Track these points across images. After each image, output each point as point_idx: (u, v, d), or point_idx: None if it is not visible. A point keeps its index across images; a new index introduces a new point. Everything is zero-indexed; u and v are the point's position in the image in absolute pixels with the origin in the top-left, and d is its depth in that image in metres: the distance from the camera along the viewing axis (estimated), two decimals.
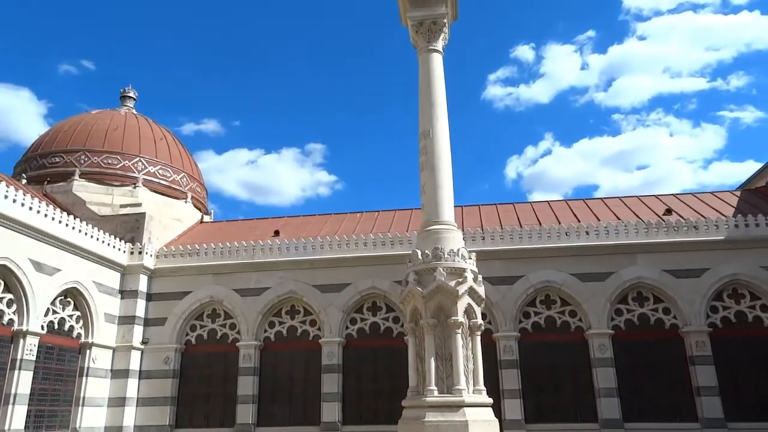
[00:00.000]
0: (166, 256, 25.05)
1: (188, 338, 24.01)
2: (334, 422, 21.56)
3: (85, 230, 21.99)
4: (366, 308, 23.28)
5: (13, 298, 18.79)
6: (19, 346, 18.59)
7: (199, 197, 33.05)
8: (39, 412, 19.41)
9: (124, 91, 35.38)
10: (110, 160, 29.61)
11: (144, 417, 22.68)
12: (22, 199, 19.12)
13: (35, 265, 19.37)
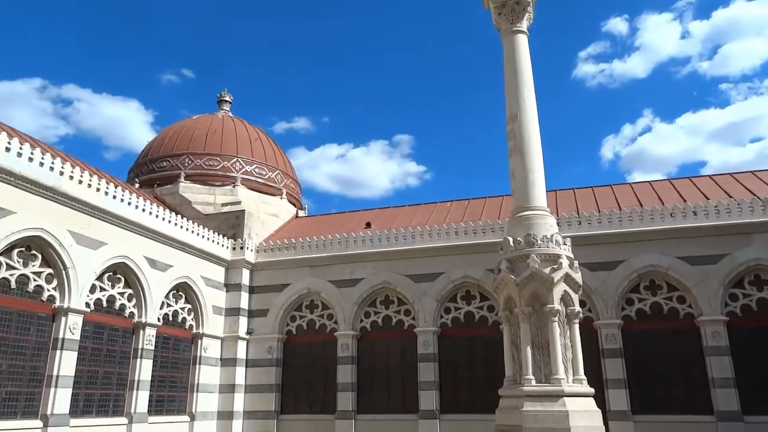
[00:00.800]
0: (265, 250, 26.26)
1: (289, 328, 25.08)
2: (432, 411, 21.71)
3: (192, 229, 23.53)
4: (460, 297, 23.18)
5: (133, 293, 20.48)
6: (140, 336, 20.28)
7: (294, 193, 34.29)
8: (159, 397, 21.11)
9: (221, 95, 37.38)
10: (211, 161, 31.41)
11: (252, 403, 24.01)
12: (136, 202, 20.76)
13: (150, 262, 21.00)
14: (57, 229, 17.35)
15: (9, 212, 15.95)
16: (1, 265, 15.99)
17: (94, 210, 18.72)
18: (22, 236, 16.37)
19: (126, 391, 19.62)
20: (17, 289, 16.41)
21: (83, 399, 17.98)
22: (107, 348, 19.24)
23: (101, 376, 18.82)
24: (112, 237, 19.39)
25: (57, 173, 17.61)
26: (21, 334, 16.37)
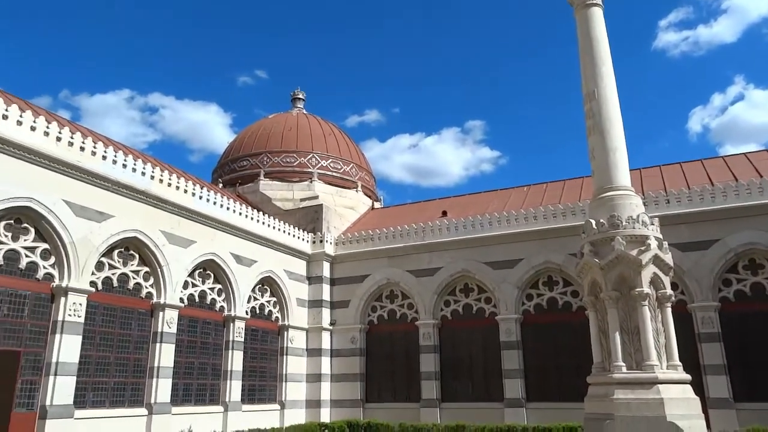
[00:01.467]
0: (344, 243, 26.77)
1: (370, 318, 25.48)
2: (518, 399, 21.41)
3: (274, 225, 24.36)
4: (542, 283, 22.64)
5: (222, 288, 21.50)
6: (230, 329, 21.28)
7: (368, 185, 34.69)
8: (251, 387, 22.10)
9: (294, 93, 38.35)
10: (288, 158, 32.33)
11: (338, 391, 24.64)
12: (221, 201, 21.73)
13: (236, 258, 21.95)
14: (151, 230, 18.48)
15: (108, 216, 17.15)
16: (104, 265, 17.23)
17: (183, 210, 19.78)
18: (121, 238, 17.56)
19: (220, 381, 20.69)
20: (119, 287, 17.65)
21: (182, 388, 19.13)
22: (201, 340, 20.33)
23: (197, 367, 19.94)
24: (200, 235, 20.43)
25: (148, 178, 18.73)
26: (124, 328, 17.61)
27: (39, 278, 15.35)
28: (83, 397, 15.87)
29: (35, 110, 18.69)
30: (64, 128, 16.51)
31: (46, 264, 15.58)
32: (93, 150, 17.02)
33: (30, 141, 15.16)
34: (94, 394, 16.28)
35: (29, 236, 15.30)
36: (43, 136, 15.61)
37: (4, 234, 14.70)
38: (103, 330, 16.89)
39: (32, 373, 14.85)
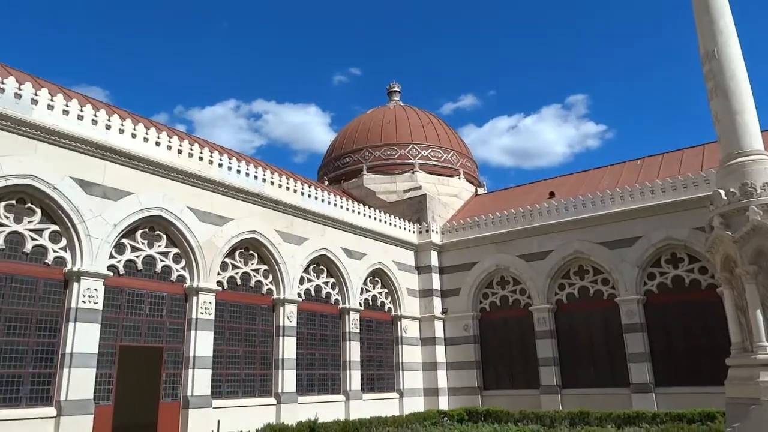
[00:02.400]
0: (450, 231, 26.70)
1: (482, 306, 25.25)
2: (645, 384, 20.30)
3: (380, 218, 24.82)
4: (664, 261, 21.24)
5: (335, 281, 22.26)
6: (346, 320, 22.00)
7: (470, 171, 34.30)
8: (369, 376, 22.73)
9: (390, 86, 38.72)
10: (389, 151, 32.74)
11: (455, 379, 24.70)
12: (329, 198, 22.46)
13: (346, 252, 22.62)
14: (267, 230, 19.50)
15: (228, 219, 18.33)
16: (228, 265, 18.44)
17: (294, 210, 20.68)
18: (240, 239, 18.69)
19: (340, 371, 21.48)
20: (242, 285, 18.83)
21: (306, 378, 20.08)
22: (320, 333, 21.21)
23: (318, 358, 20.84)
24: (312, 232, 21.26)
25: (260, 181, 19.77)
26: (250, 323, 18.77)
27: (173, 280, 16.74)
28: (219, 388, 17.14)
29: (158, 127, 20.32)
30: (184, 141, 17.84)
31: (178, 267, 16.95)
32: (210, 159, 18.24)
33: (157, 155, 16.53)
34: (227, 385, 17.52)
35: (162, 242, 16.71)
36: (167, 150, 16.97)
37: (141, 241, 16.17)
38: (231, 326, 18.12)
39: (174, 367, 16.26)
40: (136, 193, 15.86)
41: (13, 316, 13.15)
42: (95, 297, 14.35)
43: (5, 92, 13.58)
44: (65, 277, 14.22)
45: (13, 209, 13.64)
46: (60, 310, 13.99)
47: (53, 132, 14.23)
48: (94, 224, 14.68)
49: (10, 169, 13.33)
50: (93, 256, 14.52)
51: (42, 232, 14.04)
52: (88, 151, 15.00)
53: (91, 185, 14.88)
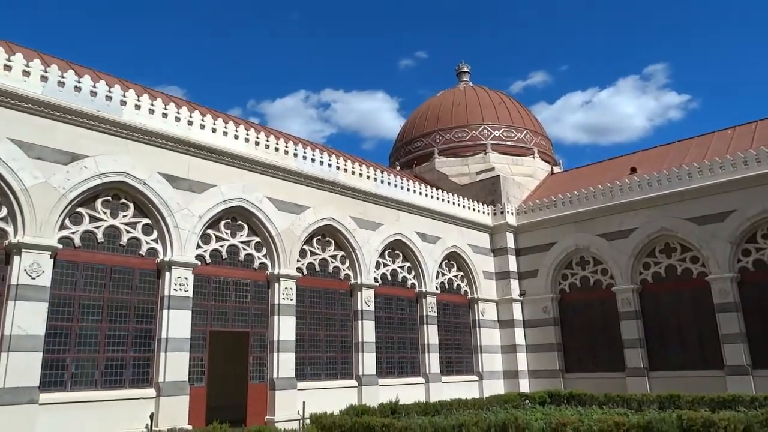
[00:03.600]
0: (525, 212, 26.15)
1: (561, 287, 24.65)
2: (742, 366, 19.19)
3: (453, 201, 24.67)
4: (761, 236, 19.88)
5: (410, 266, 22.41)
6: (422, 304, 22.13)
7: (545, 150, 33.37)
8: (448, 359, 22.80)
9: (458, 67, 38.19)
10: (460, 133, 32.39)
11: (535, 362, 24.33)
12: (401, 183, 22.55)
13: (421, 236, 22.68)
14: (342, 217, 19.87)
15: (305, 207, 18.81)
16: (306, 252, 18.97)
17: (368, 196, 20.93)
18: (317, 226, 19.14)
19: (419, 354, 21.67)
20: (321, 271, 19.33)
21: (385, 361, 20.41)
22: (397, 316, 21.46)
23: (396, 341, 21.11)
24: (386, 218, 21.46)
25: (334, 169, 20.13)
26: (329, 308, 19.26)
27: (256, 268, 17.43)
28: (302, 371, 17.75)
29: (235, 120, 21.09)
30: (260, 133, 18.44)
31: (260, 255, 17.61)
32: (286, 149, 18.76)
33: (236, 148, 17.20)
34: (311, 368, 18.12)
35: (244, 231, 17.41)
36: (245, 143, 17.60)
37: (225, 231, 16.92)
38: (312, 310, 18.67)
39: (260, 350, 16.98)
40: (219, 186, 16.58)
41: (114, 304, 14.17)
42: (186, 285, 15.19)
43: (98, 95, 14.53)
44: (158, 267, 15.13)
45: (110, 204, 14.63)
46: (154, 298, 14.94)
47: (142, 131, 15.11)
48: (181, 216, 15.51)
49: (106, 167, 14.29)
50: (182, 246, 15.36)
51: (136, 225, 15.00)
52: (173, 147, 15.81)
53: (177, 179, 15.70)
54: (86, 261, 13.87)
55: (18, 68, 13.34)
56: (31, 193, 12.92)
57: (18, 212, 12.77)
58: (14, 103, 13.08)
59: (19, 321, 12.21)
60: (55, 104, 13.65)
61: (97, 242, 14.20)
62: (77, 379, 13.20)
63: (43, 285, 12.73)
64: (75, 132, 14.00)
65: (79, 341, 13.38)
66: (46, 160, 13.38)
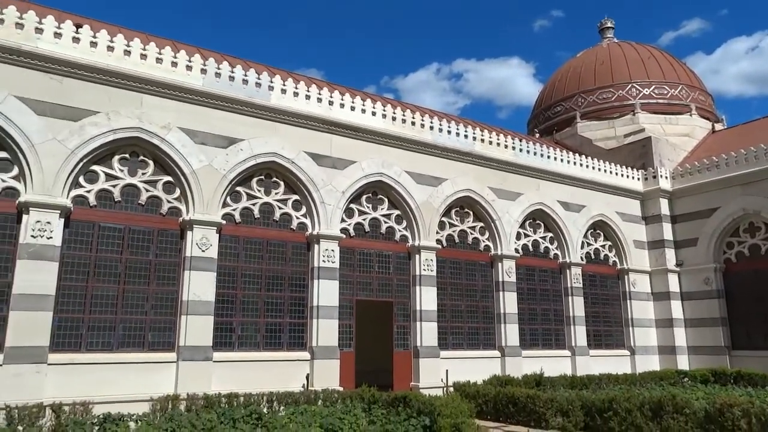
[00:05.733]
0: (682, 175, 23.96)
1: (726, 256, 22.36)
2: None
3: (598, 166, 23.29)
4: None
5: (553, 236, 21.65)
6: (567, 275, 21.33)
7: (704, 105, 30.13)
8: (596, 332, 21.83)
9: (601, 23, 35.56)
10: (604, 94, 30.29)
11: (695, 337, 22.47)
12: (541, 151, 21.71)
13: (563, 205, 21.77)
14: (480, 188, 19.68)
15: (442, 180, 18.91)
16: (445, 224, 19.11)
17: (506, 165, 20.47)
18: (455, 198, 19.16)
19: (564, 326, 21.00)
20: (460, 243, 19.37)
21: (528, 333, 20.07)
22: (540, 288, 20.92)
23: (540, 313, 20.63)
24: (525, 187, 20.86)
25: (471, 139, 19.93)
26: (469, 279, 19.30)
27: (397, 240, 17.94)
28: (445, 340, 18.06)
29: (372, 98, 21.60)
30: (397, 108, 18.76)
31: (401, 227, 18.08)
32: (422, 123, 18.92)
33: (374, 125, 17.70)
34: (452, 338, 18.37)
35: (384, 205, 17.96)
36: (382, 119, 18.04)
37: (366, 205, 17.58)
38: (452, 281, 18.84)
39: (403, 319, 17.56)
40: (359, 162, 17.22)
41: (272, 274, 15.46)
42: (333, 257, 16.10)
43: (249, 83, 15.71)
44: (307, 240, 16.18)
45: (263, 183, 15.86)
46: (305, 269, 16.03)
47: (288, 113, 16.11)
48: (326, 192, 16.39)
49: (259, 149, 15.48)
50: (328, 220, 16.26)
51: (286, 202, 16.13)
52: (317, 126, 16.67)
53: (321, 157, 16.56)
54: (245, 235, 15.24)
55: (182, 63, 14.83)
56: (198, 175, 14.42)
57: (188, 192, 14.34)
58: (180, 95, 14.59)
59: (194, 288, 13.82)
60: (214, 93, 15.01)
61: (254, 218, 15.52)
62: (243, 340, 14.67)
63: (212, 257, 14.25)
64: (230, 118, 15.30)
65: (243, 307, 14.83)
66: (208, 145, 14.81)
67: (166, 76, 14.41)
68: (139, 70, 14.09)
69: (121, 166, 13.87)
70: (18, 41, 12.71)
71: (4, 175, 12.49)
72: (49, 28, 13.20)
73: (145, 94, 14.16)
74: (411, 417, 10.16)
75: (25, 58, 12.73)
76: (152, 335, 13.49)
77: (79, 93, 13.31)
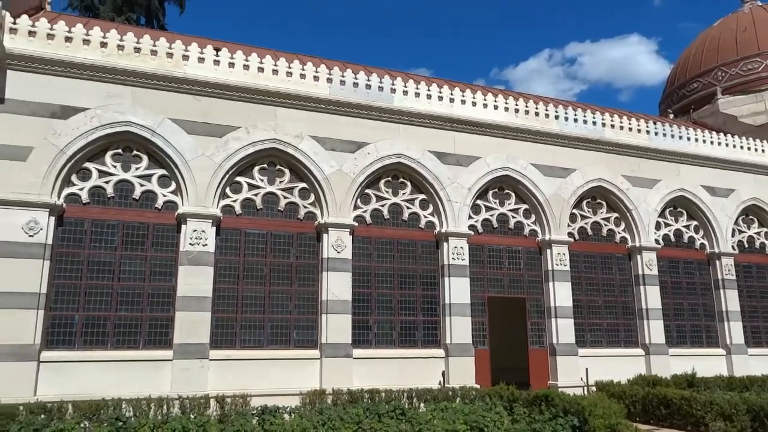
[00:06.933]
0: None
1: None
2: None
3: (749, 145, 21.15)
4: None
5: (698, 224, 19.98)
6: (717, 267, 19.57)
7: None
8: (754, 328, 19.83)
9: None
10: (749, 65, 27.44)
11: None
12: (678, 132, 20.12)
13: (708, 190, 20.03)
14: (612, 176, 18.64)
15: (571, 170, 18.17)
16: (576, 216, 18.35)
17: (640, 151, 19.22)
18: (586, 189, 18.31)
19: (716, 323, 19.31)
20: (593, 235, 18.50)
21: (675, 329, 18.69)
22: (686, 281, 19.40)
23: (687, 308, 19.13)
24: (663, 173, 19.46)
25: (599, 126, 18.94)
26: (606, 273, 18.35)
27: (526, 234, 17.50)
28: (582, 337, 17.33)
29: (492, 91, 21.28)
30: (518, 100, 18.30)
31: (529, 222, 17.64)
32: (546, 113, 18.32)
33: (496, 118, 17.44)
34: (591, 335, 17.58)
35: (511, 200, 17.62)
36: (504, 112, 17.70)
37: (493, 201, 17.36)
38: (587, 276, 18.03)
39: (537, 316, 17.11)
40: (483, 157, 17.04)
41: (403, 273, 15.76)
42: (462, 254, 16.08)
43: (371, 87, 16.15)
44: (436, 238, 16.30)
45: (390, 184, 16.20)
46: (435, 267, 16.15)
47: (411, 114, 16.34)
48: (452, 190, 16.40)
49: (384, 151, 15.86)
50: (455, 218, 16.26)
51: (414, 201, 16.36)
52: (439, 125, 16.73)
53: (445, 155, 16.61)
54: (377, 236, 15.67)
55: (310, 75, 15.59)
56: (330, 180, 15.07)
57: (322, 197, 15.03)
58: (309, 104, 15.34)
59: (332, 288, 14.46)
60: (340, 101, 15.60)
61: (384, 219, 15.91)
62: (379, 338, 15.10)
63: (347, 257, 14.83)
64: (356, 123, 15.81)
65: (378, 306, 15.26)
66: (337, 150, 15.41)
67: (297, 88, 15.23)
68: (273, 84, 15.01)
69: (261, 176, 14.87)
70: (169, 69, 14.09)
71: (165, 190, 13.90)
72: (193, 55, 14.49)
73: (278, 106, 15.05)
74: (557, 416, 9.90)
75: (175, 83, 14.08)
76: (297, 333, 14.32)
77: (222, 111, 14.46)
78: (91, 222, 13.18)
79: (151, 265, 13.42)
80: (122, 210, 13.47)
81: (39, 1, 18.56)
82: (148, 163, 13.89)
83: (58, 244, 12.78)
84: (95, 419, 9.61)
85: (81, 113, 13.18)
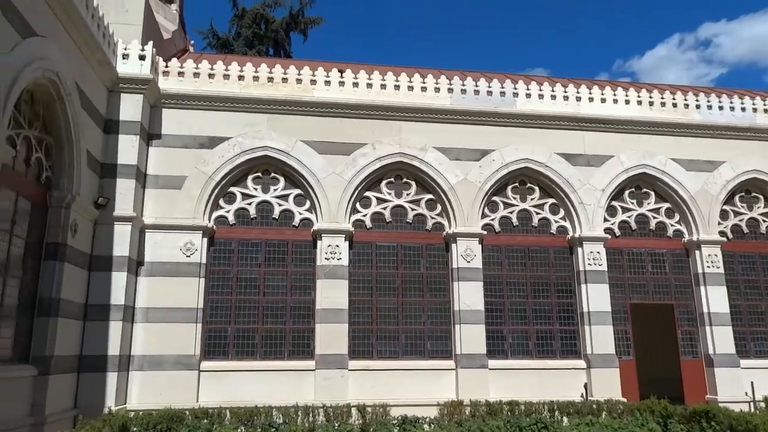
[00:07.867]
0: None
1: None
2: None
3: None
4: None
5: None
6: None
7: None
8: None
9: None
10: None
11: None
12: None
13: None
14: None
15: (719, 163, 16.58)
16: (729, 213, 16.68)
17: None
18: (738, 182, 16.61)
19: None
20: (749, 233, 16.70)
21: None
22: None
23: None
24: None
25: (749, 111, 17.14)
26: None
27: (670, 236, 16.23)
28: (744, 347, 15.64)
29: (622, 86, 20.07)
30: (653, 92, 17.08)
31: (673, 222, 16.35)
32: (685, 103, 16.93)
33: (628, 114, 16.44)
34: (754, 344, 15.83)
35: (650, 199, 16.43)
36: (637, 106, 16.63)
37: (630, 201, 16.29)
38: (745, 278, 16.30)
39: (688, 323, 15.73)
40: (617, 155, 16.10)
41: (536, 281, 15.28)
42: (599, 259, 15.25)
43: (493, 93, 15.95)
44: (569, 244, 15.63)
45: (518, 190, 15.83)
46: (571, 273, 15.47)
47: (535, 116, 15.88)
48: (584, 192, 15.66)
49: (510, 156, 15.51)
50: (589, 221, 15.49)
51: (543, 207, 15.84)
52: (565, 125, 16.09)
53: (574, 156, 15.91)
54: (506, 243, 15.36)
55: (430, 87, 15.75)
56: (456, 189, 15.06)
57: (449, 207, 15.05)
58: (432, 116, 15.48)
59: (464, 298, 14.38)
60: (462, 110, 15.58)
61: (513, 225, 15.56)
62: (514, 348, 14.74)
63: (477, 267, 14.67)
64: (479, 130, 15.66)
65: (512, 315, 14.91)
66: (462, 159, 15.37)
67: (419, 101, 15.45)
68: (396, 99, 15.37)
69: (388, 190, 15.23)
70: (299, 94, 14.96)
71: (300, 208, 14.72)
72: (320, 78, 15.26)
73: (402, 120, 15.35)
74: None
75: (305, 107, 14.91)
76: (431, 344, 14.40)
77: (349, 129, 15.04)
78: (238, 241, 14.30)
79: (292, 279, 14.24)
80: (264, 229, 14.46)
81: (184, 44, 20.62)
82: (284, 184, 14.81)
83: (210, 262, 14.01)
84: (249, 425, 10.34)
85: (225, 142, 14.40)
